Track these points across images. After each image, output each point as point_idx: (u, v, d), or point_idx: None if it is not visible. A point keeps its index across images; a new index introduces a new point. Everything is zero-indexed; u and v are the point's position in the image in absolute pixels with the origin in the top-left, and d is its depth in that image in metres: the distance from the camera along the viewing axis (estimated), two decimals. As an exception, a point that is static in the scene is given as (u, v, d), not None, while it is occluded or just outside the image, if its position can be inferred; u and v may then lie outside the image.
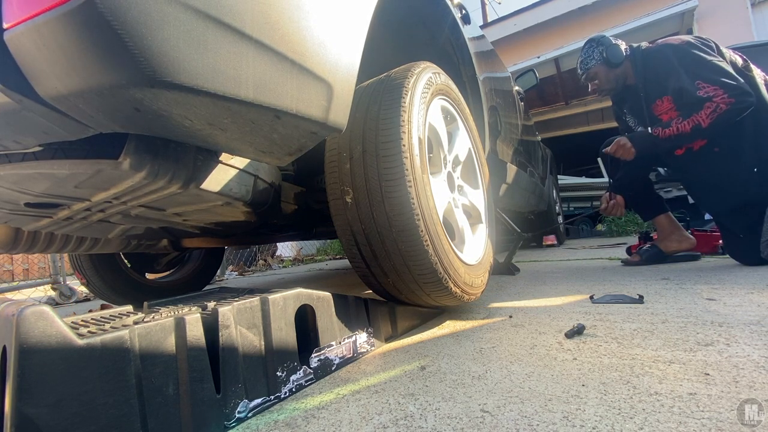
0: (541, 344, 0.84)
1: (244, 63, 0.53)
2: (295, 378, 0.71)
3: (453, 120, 1.27)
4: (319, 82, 0.64)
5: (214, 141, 0.63)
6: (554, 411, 0.55)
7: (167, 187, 0.74)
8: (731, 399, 0.54)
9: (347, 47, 0.71)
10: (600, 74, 2.04)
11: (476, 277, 1.12)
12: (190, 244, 1.71)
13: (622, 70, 1.99)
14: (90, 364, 0.48)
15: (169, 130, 0.56)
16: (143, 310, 0.79)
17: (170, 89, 0.47)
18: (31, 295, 2.95)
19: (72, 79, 0.45)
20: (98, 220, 1.00)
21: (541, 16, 6.55)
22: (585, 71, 2.09)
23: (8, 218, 0.98)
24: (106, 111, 0.50)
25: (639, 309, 1.07)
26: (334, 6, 0.69)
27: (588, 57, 2.06)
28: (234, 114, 0.56)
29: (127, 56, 0.43)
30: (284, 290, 0.75)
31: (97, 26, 0.42)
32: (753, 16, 5.36)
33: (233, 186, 0.87)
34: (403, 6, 1.36)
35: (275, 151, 0.71)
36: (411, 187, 0.88)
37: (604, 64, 2.00)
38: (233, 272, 4.23)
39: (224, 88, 0.51)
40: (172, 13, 0.46)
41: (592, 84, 2.11)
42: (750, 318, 0.90)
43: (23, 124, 0.54)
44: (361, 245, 0.95)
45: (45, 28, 0.43)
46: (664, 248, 2.03)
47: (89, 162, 0.66)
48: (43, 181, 0.73)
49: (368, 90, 1.00)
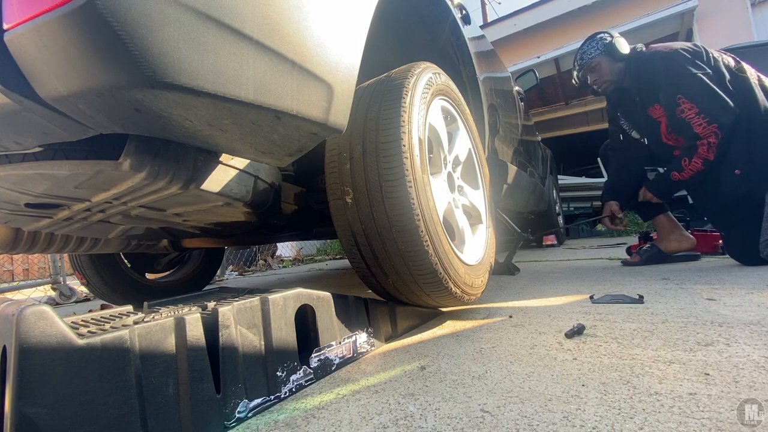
0: (541, 344, 0.84)
1: (245, 64, 0.53)
2: (295, 378, 0.71)
3: (453, 120, 1.27)
4: (320, 82, 0.65)
5: (215, 142, 0.63)
6: (554, 411, 0.55)
7: (167, 187, 0.74)
8: (731, 399, 0.54)
9: (348, 48, 0.71)
10: (602, 66, 1.99)
11: (476, 277, 1.12)
12: (190, 245, 1.71)
13: (623, 67, 1.96)
14: (90, 364, 0.48)
15: (170, 131, 0.56)
16: (143, 310, 0.79)
17: (170, 90, 0.47)
18: (31, 295, 2.95)
19: (72, 80, 0.45)
20: (98, 221, 1.00)
21: (540, 16, 6.55)
22: (587, 61, 2.02)
23: (8, 218, 0.98)
24: (106, 112, 0.50)
25: (639, 309, 1.07)
26: (334, 7, 0.69)
27: (590, 48, 2.01)
28: (234, 115, 0.56)
29: (128, 57, 0.43)
30: (284, 290, 0.75)
31: (97, 27, 0.42)
32: (753, 16, 5.36)
33: (233, 186, 0.87)
34: (403, 6, 1.36)
35: (275, 152, 0.71)
36: (411, 187, 0.88)
37: (608, 54, 1.96)
38: (233, 272, 4.23)
39: (225, 89, 0.51)
40: (173, 14, 0.46)
41: (591, 76, 2.04)
42: (750, 318, 0.90)
43: (23, 124, 0.54)
44: (361, 245, 0.95)
45: (45, 29, 0.43)
46: (664, 248, 2.03)
47: (89, 163, 0.66)
48: (44, 181, 0.73)
49: (368, 90, 1.01)
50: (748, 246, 1.66)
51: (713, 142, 1.64)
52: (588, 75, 2.06)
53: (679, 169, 1.78)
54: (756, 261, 1.65)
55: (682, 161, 1.75)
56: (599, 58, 1.98)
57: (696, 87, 1.69)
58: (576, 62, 2.10)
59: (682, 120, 1.71)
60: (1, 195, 0.80)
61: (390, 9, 1.16)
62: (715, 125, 1.63)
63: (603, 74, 2.00)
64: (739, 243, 1.72)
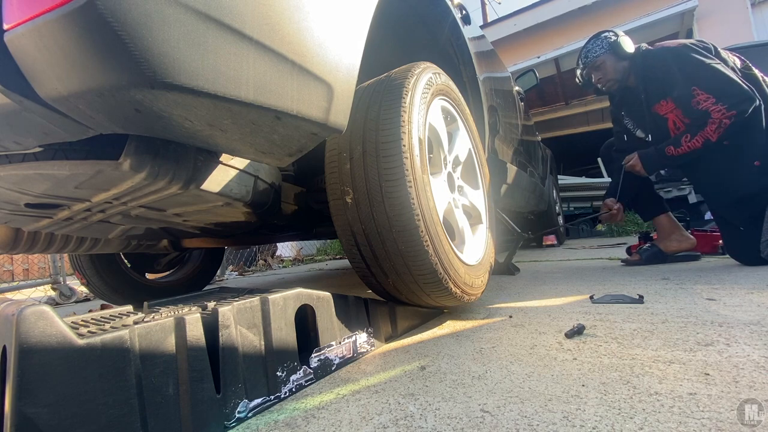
0: (541, 344, 0.84)
1: (245, 64, 0.53)
2: (295, 378, 0.71)
3: (453, 120, 1.27)
4: (320, 83, 0.65)
5: (215, 142, 0.63)
6: (554, 411, 0.55)
7: (167, 187, 0.74)
8: (731, 399, 0.54)
9: (348, 48, 0.71)
10: (607, 64, 1.98)
11: (476, 277, 1.12)
12: (190, 245, 1.71)
13: (627, 66, 1.95)
14: (90, 364, 0.48)
15: (170, 131, 0.56)
16: (143, 310, 0.79)
17: (171, 90, 0.47)
18: (31, 295, 2.95)
19: (72, 80, 0.45)
20: (98, 221, 1.00)
21: (540, 16, 6.54)
22: (591, 60, 2.01)
23: (8, 219, 0.98)
24: (106, 112, 0.50)
25: (639, 309, 1.07)
26: (334, 7, 0.69)
27: (595, 46, 2.00)
28: (234, 115, 0.56)
29: (128, 57, 0.43)
30: (284, 290, 0.75)
31: (97, 27, 0.42)
32: (753, 16, 5.36)
33: (233, 187, 0.87)
34: (403, 6, 1.36)
35: (275, 152, 0.71)
36: (411, 187, 0.88)
37: (612, 53, 1.95)
38: (233, 272, 4.23)
39: (225, 90, 0.51)
40: (173, 15, 0.46)
41: (595, 75, 2.04)
42: (750, 318, 0.90)
43: (23, 124, 0.54)
44: (361, 246, 0.95)
45: (45, 29, 0.43)
46: (665, 248, 2.03)
47: (89, 163, 0.66)
48: (44, 181, 0.73)
49: (368, 90, 1.00)
50: (748, 246, 1.66)
51: (726, 123, 1.61)
52: (592, 74, 2.06)
53: (677, 144, 1.75)
54: (756, 261, 1.65)
55: (683, 137, 1.73)
56: (604, 56, 1.97)
57: (711, 76, 1.66)
58: (580, 60, 2.09)
59: (698, 111, 1.68)
60: (1, 195, 0.80)
61: (390, 9, 1.16)
62: (734, 112, 1.60)
63: (607, 73, 2.00)
64: (739, 243, 1.72)
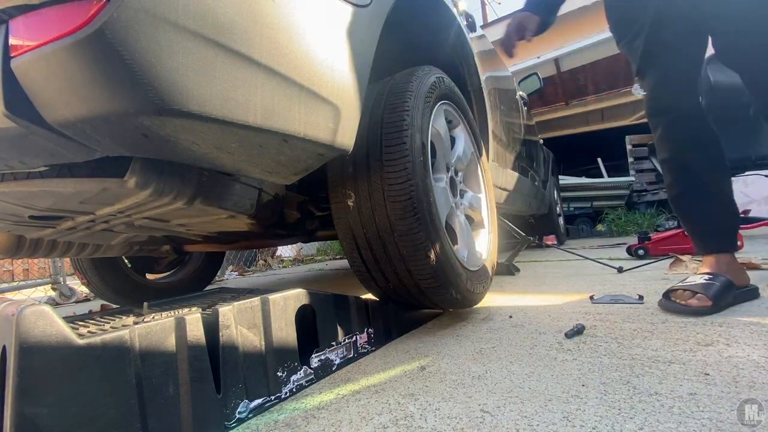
0: (541, 344, 0.84)
1: (253, 89, 0.53)
2: (295, 378, 0.71)
3: (456, 124, 1.27)
4: (327, 104, 0.64)
5: (221, 163, 0.63)
6: (554, 411, 0.55)
7: (172, 203, 0.74)
8: (731, 399, 0.54)
9: (356, 68, 0.71)
10: None
11: (478, 282, 1.11)
12: (191, 249, 1.71)
13: None
14: (90, 364, 0.48)
15: (177, 154, 0.56)
16: (143, 310, 0.79)
17: (179, 117, 0.47)
18: (31, 295, 2.95)
19: (80, 106, 0.45)
20: (101, 230, 1.00)
21: (540, 16, 6.53)
22: None
23: (12, 228, 0.98)
24: (113, 137, 0.49)
25: (639, 309, 1.07)
26: (343, 27, 0.69)
27: None
28: (242, 139, 0.56)
29: (136, 85, 0.43)
30: (285, 290, 0.75)
31: (106, 56, 0.42)
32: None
33: (237, 200, 0.87)
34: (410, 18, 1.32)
35: (282, 172, 0.71)
36: (413, 191, 0.88)
37: None
38: (233, 272, 4.23)
39: (233, 115, 0.51)
40: (181, 42, 0.46)
41: None
42: (750, 318, 0.90)
43: (30, 147, 0.53)
44: (363, 249, 0.95)
45: (53, 57, 0.43)
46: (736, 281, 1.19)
47: (94, 180, 0.66)
48: (48, 197, 0.73)
49: (371, 93, 1.00)
50: None
51: None
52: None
53: None
54: None
55: None
56: None
57: None
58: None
59: None
60: (5, 209, 0.80)
61: (397, 20, 1.12)
62: None
63: None
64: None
